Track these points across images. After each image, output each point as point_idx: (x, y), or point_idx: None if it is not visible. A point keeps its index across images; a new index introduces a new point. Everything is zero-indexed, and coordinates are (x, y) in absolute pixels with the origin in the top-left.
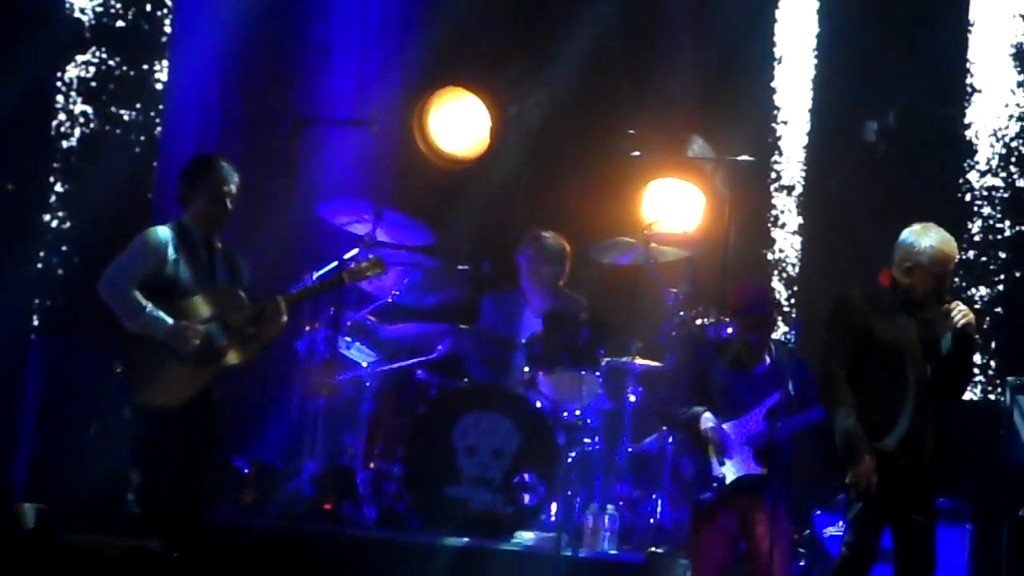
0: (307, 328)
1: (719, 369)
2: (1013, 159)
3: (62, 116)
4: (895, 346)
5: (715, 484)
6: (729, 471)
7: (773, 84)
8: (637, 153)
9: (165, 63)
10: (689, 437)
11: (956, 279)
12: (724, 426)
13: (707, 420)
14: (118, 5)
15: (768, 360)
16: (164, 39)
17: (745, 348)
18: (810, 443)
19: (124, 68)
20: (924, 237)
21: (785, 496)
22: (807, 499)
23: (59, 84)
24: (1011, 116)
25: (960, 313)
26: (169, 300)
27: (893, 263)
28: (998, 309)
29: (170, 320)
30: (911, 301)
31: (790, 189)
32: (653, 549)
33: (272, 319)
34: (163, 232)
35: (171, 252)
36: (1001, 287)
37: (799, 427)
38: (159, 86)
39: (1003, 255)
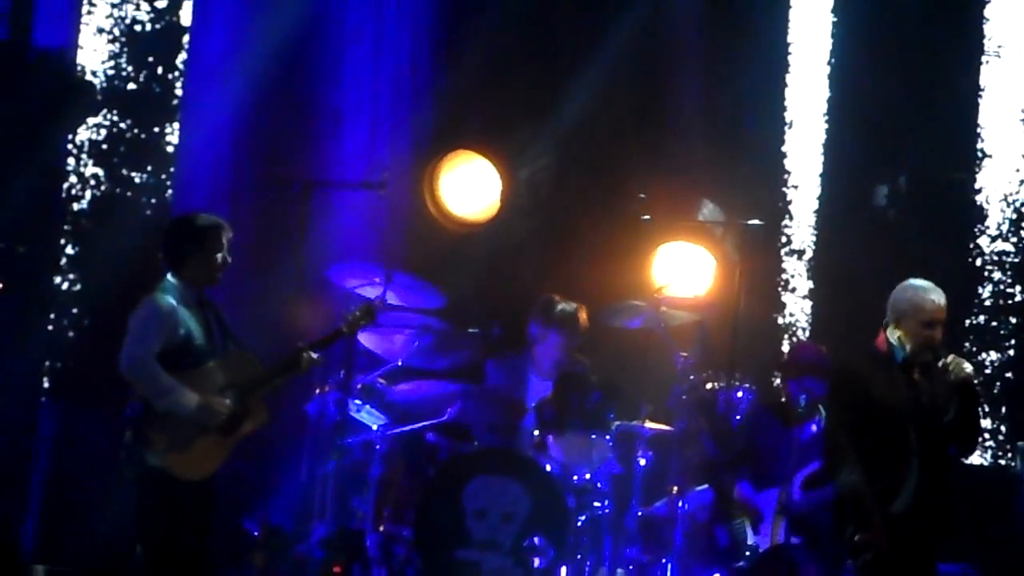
0: (317, 391)
1: (771, 431)
2: (1023, 224)
3: (73, 178)
4: (896, 409)
5: (748, 553)
6: (764, 540)
7: (783, 148)
8: (647, 217)
9: (176, 126)
10: (725, 501)
11: (966, 344)
12: (766, 492)
13: (740, 491)
14: (130, 68)
15: (814, 425)
16: (175, 102)
17: (794, 409)
18: None
19: (135, 131)
20: (907, 289)
21: (820, 565)
22: None
23: (71, 146)
24: (1022, 181)
25: (957, 366)
26: (184, 369)
27: (888, 325)
28: (1008, 374)
29: (196, 397)
30: (906, 359)
31: (800, 253)
32: None
33: (288, 373)
34: (167, 299)
35: (179, 318)
36: (1011, 352)
37: (821, 500)
38: (170, 149)
39: (1013, 320)
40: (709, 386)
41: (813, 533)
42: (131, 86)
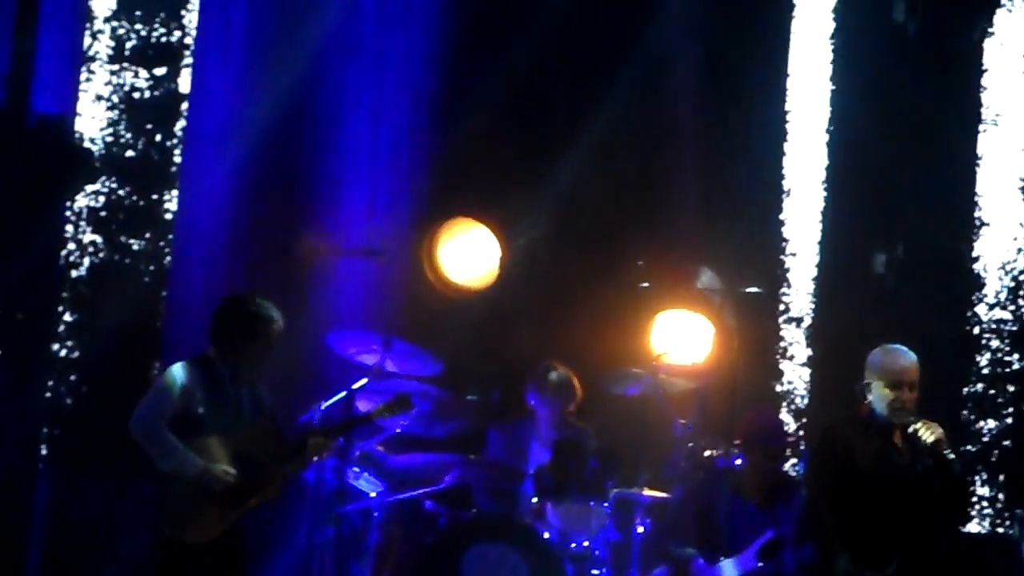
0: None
1: (725, 502)
2: (1021, 292)
3: (72, 245)
4: (877, 474)
5: None
6: None
7: (781, 216)
8: (646, 284)
9: (175, 193)
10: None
11: (964, 412)
12: (722, 563)
13: (697, 563)
14: (128, 135)
15: (777, 494)
16: (174, 169)
17: (758, 479)
18: None
19: (134, 198)
20: (876, 354)
21: None
22: None
23: (69, 213)
24: (1019, 249)
25: (928, 431)
26: (192, 438)
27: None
28: (1006, 442)
29: (201, 462)
30: (883, 424)
31: (799, 321)
32: None
33: (303, 457)
34: (181, 370)
35: (194, 389)
36: (1009, 420)
37: (793, 565)
38: (168, 216)
39: (1011, 388)
40: (707, 454)
41: None
42: (130, 153)
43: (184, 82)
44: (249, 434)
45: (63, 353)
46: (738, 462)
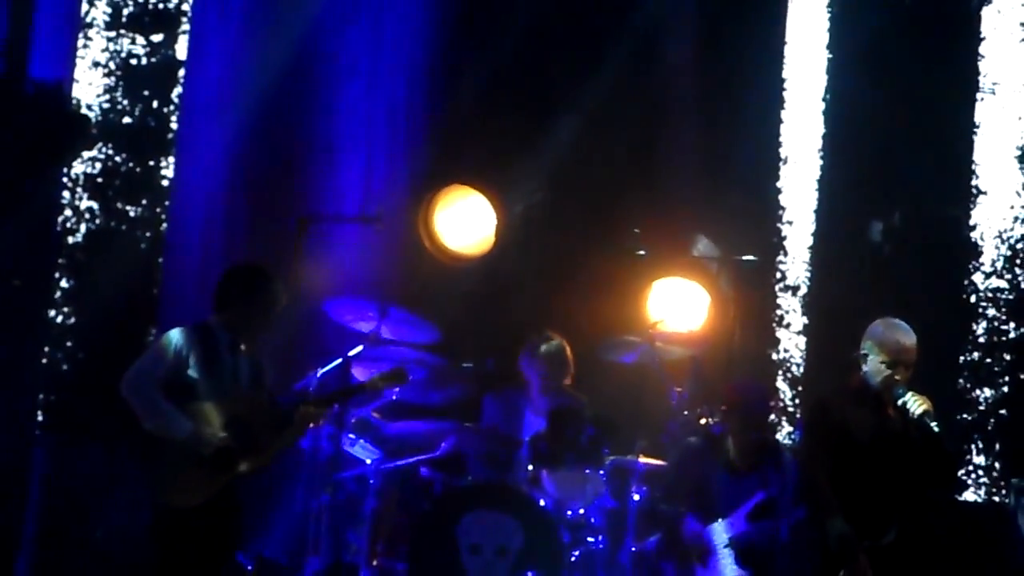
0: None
1: (714, 468)
2: (1018, 261)
3: (68, 212)
4: (872, 444)
5: None
6: (712, 574)
7: (778, 184)
8: (642, 252)
9: (171, 160)
10: (674, 540)
11: (960, 381)
12: (713, 525)
13: (687, 524)
14: (125, 102)
15: (764, 460)
16: (170, 136)
17: (741, 447)
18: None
19: (130, 164)
20: (878, 326)
21: None
22: None
23: (66, 180)
24: (1016, 218)
25: (916, 402)
26: (187, 402)
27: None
28: (1003, 411)
29: (190, 424)
30: (876, 394)
31: (795, 289)
32: None
33: (294, 428)
34: (178, 334)
35: (189, 354)
36: (1006, 389)
37: (783, 528)
38: (165, 182)
39: (1008, 357)
40: (703, 421)
41: (761, 564)
42: (126, 120)
43: (181, 49)
44: (244, 402)
45: (60, 319)
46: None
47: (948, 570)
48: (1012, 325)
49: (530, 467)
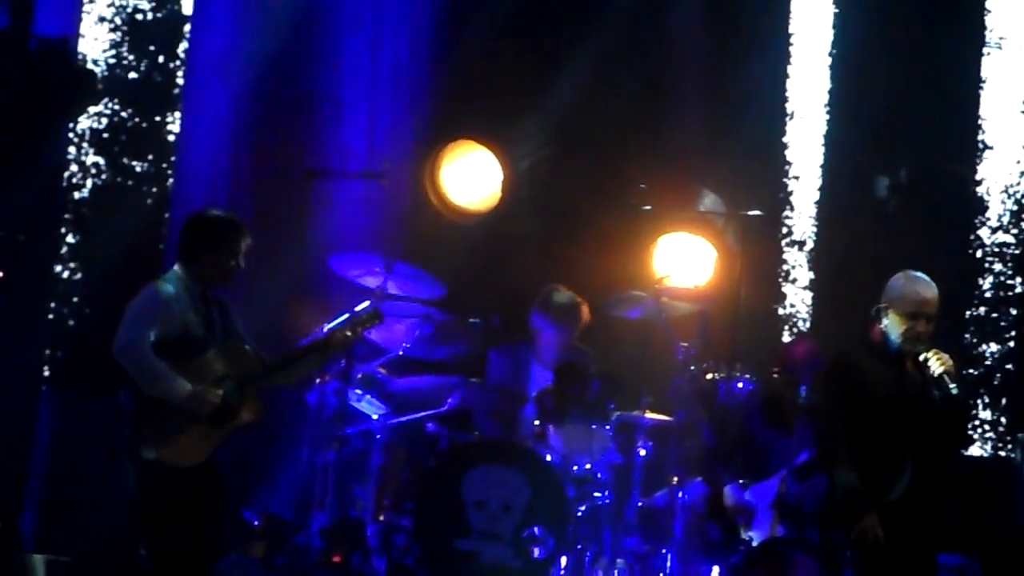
0: (317, 380)
1: (762, 427)
2: None
3: (74, 167)
4: (890, 399)
5: (742, 548)
6: (755, 535)
7: (784, 139)
8: (648, 207)
9: (177, 115)
10: (717, 497)
11: (967, 336)
12: (758, 485)
13: (729, 494)
14: (131, 57)
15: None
16: (176, 91)
17: (791, 405)
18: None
19: (136, 120)
20: (899, 277)
21: (812, 557)
22: None
23: (72, 135)
24: (1022, 173)
25: (937, 361)
26: (180, 357)
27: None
28: (1009, 366)
29: (188, 385)
30: (896, 350)
31: (801, 244)
32: None
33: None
34: (167, 287)
35: (178, 308)
36: (1012, 343)
37: (815, 489)
38: (171, 138)
39: (1014, 312)
40: (709, 377)
41: (804, 523)
42: (132, 75)
43: (187, 4)
44: (231, 350)
45: (66, 275)
46: (740, 385)
47: (954, 525)
48: (1018, 280)
49: (536, 423)
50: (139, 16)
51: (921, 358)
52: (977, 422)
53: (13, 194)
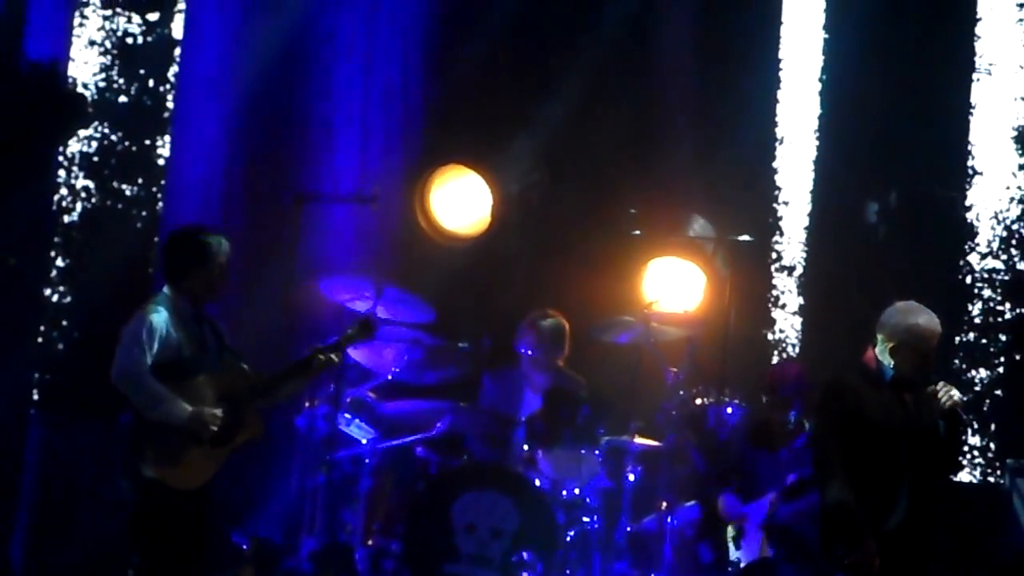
0: (307, 404)
1: (753, 447)
2: (1014, 241)
3: (64, 191)
4: (886, 427)
5: (730, 569)
6: (744, 555)
7: (774, 164)
8: (638, 232)
9: (167, 138)
10: (713, 516)
11: (956, 361)
12: (749, 505)
13: (724, 503)
14: (121, 80)
15: (798, 441)
16: (166, 115)
17: (780, 428)
18: None
19: (126, 143)
20: (907, 315)
21: None
22: None
23: (61, 159)
24: (1012, 199)
25: (946, 394)
26: (176, 381)
27: (876, 342)
28: (998, 391)
29: (188, 407)
30: (898, 380)
31: (791, 269)
32: None
33: (311, 371)
34: (160, 312)
35: (172, 332)
36: (1001, 369)
37: (803, 510)
38: (161, 161)
39: (1003, 338)
40: (698, 402)
41: (792, 544)
42: (122, 99)
43: (177, 27)
44: (226, 371)
45: (55, 298)
46: (729, 410)
47: (943, 551)
48: (1007, 306)
49: (526, 447)
50: (129, 40)
51: (930, 389)
52: (966, 448)
53: (2, 216)
